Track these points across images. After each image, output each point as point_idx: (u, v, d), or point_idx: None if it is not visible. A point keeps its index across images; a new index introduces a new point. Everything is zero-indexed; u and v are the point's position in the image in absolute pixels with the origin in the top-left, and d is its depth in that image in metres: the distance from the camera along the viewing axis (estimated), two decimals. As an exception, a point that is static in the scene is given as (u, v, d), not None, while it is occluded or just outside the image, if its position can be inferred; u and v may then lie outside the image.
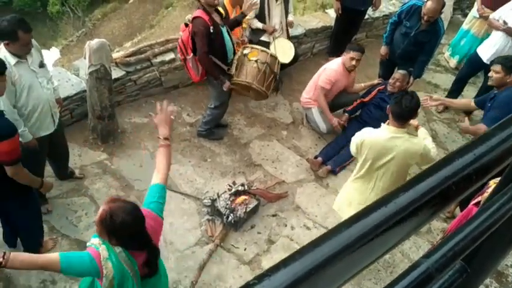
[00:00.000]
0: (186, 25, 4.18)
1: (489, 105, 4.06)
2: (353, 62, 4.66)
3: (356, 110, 5.01)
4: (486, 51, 5.05)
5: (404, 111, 3.02)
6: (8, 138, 2.66)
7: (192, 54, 4.18)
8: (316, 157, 4.71)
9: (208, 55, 4.09)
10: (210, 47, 4.05)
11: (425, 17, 4.58)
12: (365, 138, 3.22)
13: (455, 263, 1.20)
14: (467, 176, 0.58)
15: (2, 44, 3.07)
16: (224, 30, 4.16)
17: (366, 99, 4.90)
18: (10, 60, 3.04)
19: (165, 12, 13.75)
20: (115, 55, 4.70)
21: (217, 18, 4.10)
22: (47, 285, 3.42)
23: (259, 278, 0.46)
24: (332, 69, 4.77)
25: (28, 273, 3.45)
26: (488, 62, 4.98)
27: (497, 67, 3.91)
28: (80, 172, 4.19)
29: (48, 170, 3.92)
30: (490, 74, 4.03)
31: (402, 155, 3.14)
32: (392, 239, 0.55)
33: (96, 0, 16.67)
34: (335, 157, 4.70)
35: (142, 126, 4.76)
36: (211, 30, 3.99)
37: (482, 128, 3.88)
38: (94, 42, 4.02)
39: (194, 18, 4.04)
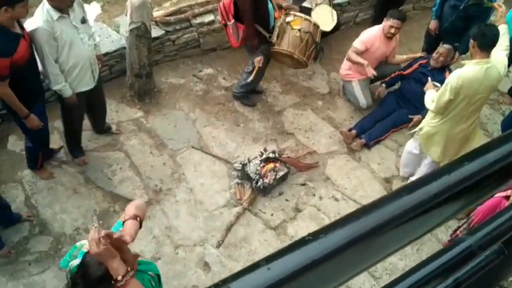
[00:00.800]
0: None
1: None
2: (392, 30, 4.46)
3: (393, 82, 4.85)
4: None
5: (492, 40, 3.31)
6: None
7: (233, 20, 4.10)
8: (350, 130, 4.64)
9: (254, 24, 4.03)
10: (255, 16, 3.98)
11: None
12: (462, 78, 3.37)
13: (500, 242, 1.18)
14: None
15: None
16: None
17: (407, 72, 4.73)
18: (53, 14, 3.07)
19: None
20: (156, 14, 4.69)
21: None
22: (80, 233, 3.58)
23: (315, 235, 0.45)
24: (369, 31, 4.61)
25: (63, 220, 3.62)
26: None
27: None
28: (117, 128, 4.29)
29: (86, 123, 4.03)
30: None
31: (495, 83, 3.49)
32: (451, 208, 0.53)
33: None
34: (370, 130, 4.61)
35: (178, 86, 4.79)
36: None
37: None
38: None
39: None
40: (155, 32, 4.59)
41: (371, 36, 4.57)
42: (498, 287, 1.62)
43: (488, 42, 3.32)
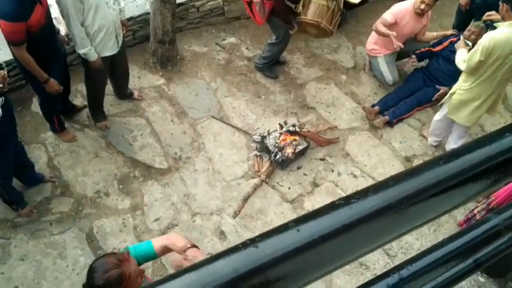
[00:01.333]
0: None
1: None
2: (422, 6, 4.26)
3: (422, 57, 4.70)
4: None
5: None
6: (7, 20, 2.82)
7: None
8: (373, 106, 4.55)
9: (283, 2, 3.94)
10: None
11: None
12: (494, 40, 3.35)
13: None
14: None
15: None
16: None
17: (436, 49, 4.57)
18: None
19: None
20: (180, -21, 4.61)
21: None
22: (101, 196, 3.65)
23: (346, 199, 0.43)
24: (401, 4, 4.45)
25: (84, 183, 3.70)
26: None
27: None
28: (139, 94, 4.30)
29: (109, 88, 4.04)
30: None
31: None
32: (488, 180, 0.50)
33: None
34: (393, 108, 4.51)
35: (200, 55, 4.75)
36: None
37: None
38: (161, -37, 3.95)
39: None
40: (180, -3, 4.53)
41: (402, 9, 4.41)
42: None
43: None
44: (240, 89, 4.56)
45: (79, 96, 4.16)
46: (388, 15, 4.39)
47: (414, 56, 4.62)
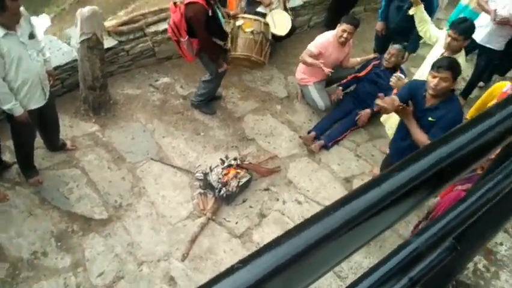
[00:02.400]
0: (175, 4, 4.05)
1: (429, 118, 3.23)
2: (344, 35, 4.53)
3: (349, 84, 4.96)
4: (478, 33, 4.95)
5: None
6: None
7: (187, 36, 4.05)
8: (309, 132, 4.69)
9: (211, 39, 4.03)
10: (208, 29, 3.98)
11: None
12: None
13: (447, 241, 1.20)
14: (465, 156, 0.55)
15: None
16: (216, 8, 4.07)
17: (361, 74, 4.84)
18: None
19: (160, -19, 13.37)
20: (108, 24, 4.58)
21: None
22: (39, 256, 3.42)
23: (244, 262, 0.44)
24: (324, 36, 4.69)
25: (19, 245, 3.46)
26: (482, 43, 4.94)
27: (445, 73, 3.01)
28: (72, 144, 4.14)
29: (39, 141, 3.87)
30: (434, 83, 3.10)
31: None
32: (384, 221, 0.53)
33: (88, -34, 16.16)
34: (328, 131, 4.68)
35: (134, 97, 4.69)
36: (210, 14, 3.90)
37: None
38: (86, 9, 3.91)
39: (188, 3, 3.90)
40: (108, 42, 4.48)
41: (325, 40, 4.64)
42: (455, 281, 1.67)
43: None
44: (178, 128, 4.53)
45: (7, 152, 3.93)
46: (312, 47, 4.61)
47: (340, 87, 4.88)
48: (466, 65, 3.77)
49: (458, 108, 3.22)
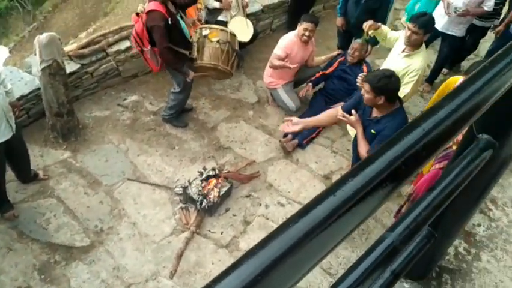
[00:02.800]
0: (138, 14, 4.02)
1: (372, 131, 3.31)
2: (306, 33, 4.59)
3: (318, 82, 5.01)
4: (439, 20, 5.10)
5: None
6: None
7: (149, 46, 4.03)
8: (285, 135, 4.71)
9: (169, 49, 3.98)
10: (170, 38, 3.94)
11: None
12: (423, 67, 3.75)
13: (421, 232, 1.23)
14: (416, 153, 0.56)
15: None
16: (179, 17, 4.05)
17: (328, 71, 4.89)
18: None
19: (118, -1, 13.28)
20: (68, 48, 4.51)
21: (172, 8, 3.97)
22: (22, 293, 3.33)
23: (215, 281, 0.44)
24: (287, 38, 4.73)
25: (1, 282, 3.36)
26: (443, 30, 5.07)
27: (366, 85, 3.11)
28: (44, 173, 4.05)
29: (10, 174, 3.77)
30: (362, 92, 3.25)
31: None
32: (345, 227, 0.54)
33: (44, -9, 15.90)
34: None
35: (103, 119, 4.62)
36: (170, 22, 3.87)
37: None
38: (43, 36, 3.84)
39: (150, 11, 3.87)
40: (70, 66, 4.41)
41: (288, 41, 4.68)
42: (437, 267, 1.70)
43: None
44: (151, 145, 4.49)
45: (-24, 190, 3.82)
46: (278, 50, 4.65)
47: (310, 83, 4.91)
48: (427, 58, 3.82)
49: (398, 124, 3.15)
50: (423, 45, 3.85)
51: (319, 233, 0.49)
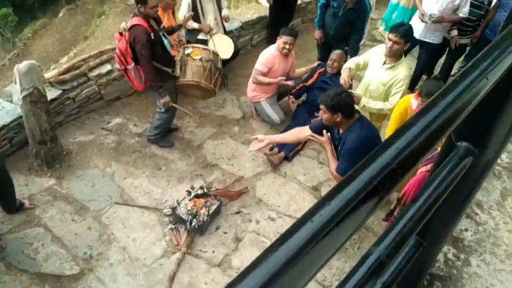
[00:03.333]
0: (121, 34, 4.03)
1: (339, 148, 3.44)
2: (286, 46, 4.65)
3: (300, 94, 5.05)
4: (416, 28, 5.20)
5: None
6: None
7: (133, 63, 4.03)
8: (271, 149, 4.72)
9: (151, 62, 3.98)
10: (152, 53, 3.95)
11: None
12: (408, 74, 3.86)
13: (408, 242, 1.23)
14: (392, 172, 0.57)
15: None
16: (161, 35, 4.07)
17: (309, 82, 4.94)
18: None
19: (98, 22, 13.28)
20: (48, 75, 4.49)
21: (154, 25, 3.99)
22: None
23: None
24: (268, 53, 4.77)
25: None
26: (420, 38, 5.17)
27: (322, 107, 3.26)
28: (30, 202, 3.99)
29: (-6, 205, 3.70)
30: (320, 114, 3.45)
31: None
32: (325, 252, 0.54)
33: (23, 19, 15.83)
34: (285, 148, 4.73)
35: (88, 144, 4.58)
36: (152, 37, 3.88)
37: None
38: (23, 65, 3.81)
39: (132, 26, 3.88)
40: (52, 93, 4.39)
41: (269, 55, 4.73)
42: (428, 275, 1.70)
43: None
44: (137, 167, 4.45)
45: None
46: (260, 66, 4.70)
47: (291, 96, 4.95)
48: (409, 67, 3.89)
49: (356, 136, 3.23)
50: (403, 56, 3.90)
51: (298, 261, 0.49)
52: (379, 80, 3.89)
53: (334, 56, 4.70)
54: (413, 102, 3.17)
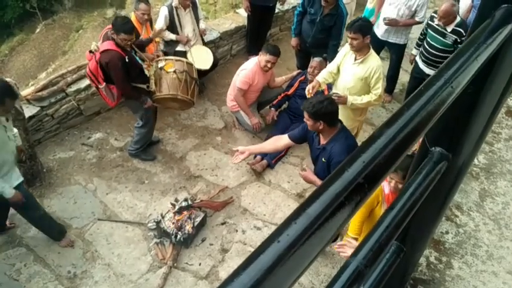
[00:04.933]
0: (91, 52, 4.02)
1: (322, 159, 3.39)
2: (268, 65, 4.71)
3: (281, 103, 5.07)
4: (379, 28, 5.30)
5: None
6: None
7: (104, 83, 4.03)
8: (255, 157, 4.71)
9: (129, 85, 4.01)
10: (128, 75, 3.96)
11: (323, 1, 4.72)
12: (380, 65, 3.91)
13: (386, 250, 1.24)
14: (359, 186, 0.57)
15: None
16: (133, 53, 4.07)
17: (290, 91, 4.97)
18: None
19: (76, 36, 13.16)
20: (25, 92, 4.42)
21: (127, 47, 3.98)
22: None
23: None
24: (248, 69, 4.78)
25: None
26: (383, 39, 5.26)
27: (305, 114, 3.21)
28: (10, 221, 3.91)
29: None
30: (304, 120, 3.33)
31: None
32: (293, 271, 0.53)
33: (0, 35, 15.60)
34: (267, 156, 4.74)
35: (68, 160, 4.52)
36: (127, 60, 3.88)
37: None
38: (-2, 82, 3.74)
39: (105, 50, 3.88)
40: (29, 110, 4.32)
41: (249, 72, 4.74)
42: (411, 280, 1.71)
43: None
44: (120, 182, 4.40)
45: None
46: (241, 84, 4.73)
47: (273, 108, 4.99)
48: (379, 61, 3.96)
49: (341, 147, 3.21)
50: (371, 48, 3.99)
51: (265, 283, 0.49)
52: (355, 75, 3.99)
53: (314, 64, 4.74)
54: (385, 186, 2.94)
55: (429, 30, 4.84)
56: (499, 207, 2.18)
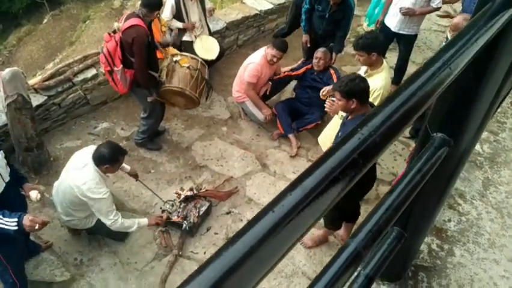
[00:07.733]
0: (110, 34, 3.92)
1: (339, 133, 3.43)
2: (274, 59, 4.72)
3: (282, 82, 5.08)
4: (391, 21, 5.26)
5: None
6: None
7: (121, 66, 3.92)
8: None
9: (146, 67, 3.94)
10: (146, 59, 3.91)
11: (331, 1, 4.73)
12: (387, 84, 3.71)
13: (385, 233, 1.25)
14: (354, 162, 0.58)
15: None
16: (152, 39, 4.03)
17: (294, 73, 4.97)
18: None
19: (83, 27, 13.18)
20: (32, 81, 4.45)
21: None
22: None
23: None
24: (255, 63, 4.78)
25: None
26: (396, 30, 5.22)
27: (337, 94, 3.15)
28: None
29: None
30: (335, 102, 3.30)
31: None
32: (286, 241, 0.55)
33: (7, 26, 15.66)
34: (293, 124, 4.87)
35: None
36: (149, 41, 3.85)
37: None
38: (5, 72, 3.78)
39: (131, 26, 3.76)
40: (36, 99, 4.35)
41: (257, 65, 4.75)
42: (413, 266, 1.72)
43: None
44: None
45: None
46: (250, 78, 4.75)
47: (270, 82, 4.99)
48: (386, 81, 3.83)
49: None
50: (385, 64, 3.83)
51: (260, 251, 0.50)
52: None
53: (319, 54, 4.73)
54: None
55: (443, 44, 4.82)
56: (502, 196, 2.18)
